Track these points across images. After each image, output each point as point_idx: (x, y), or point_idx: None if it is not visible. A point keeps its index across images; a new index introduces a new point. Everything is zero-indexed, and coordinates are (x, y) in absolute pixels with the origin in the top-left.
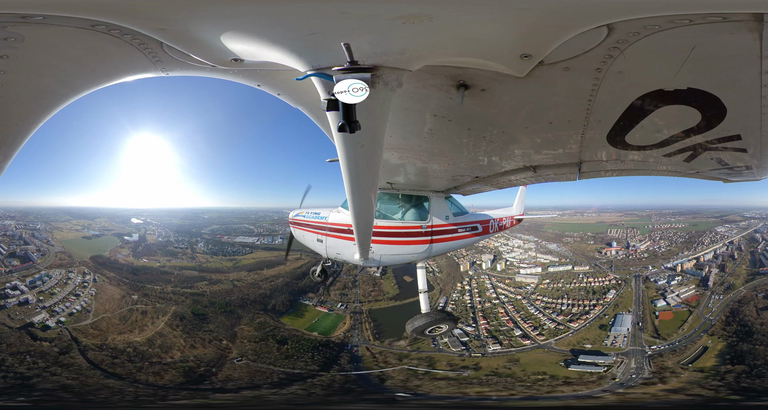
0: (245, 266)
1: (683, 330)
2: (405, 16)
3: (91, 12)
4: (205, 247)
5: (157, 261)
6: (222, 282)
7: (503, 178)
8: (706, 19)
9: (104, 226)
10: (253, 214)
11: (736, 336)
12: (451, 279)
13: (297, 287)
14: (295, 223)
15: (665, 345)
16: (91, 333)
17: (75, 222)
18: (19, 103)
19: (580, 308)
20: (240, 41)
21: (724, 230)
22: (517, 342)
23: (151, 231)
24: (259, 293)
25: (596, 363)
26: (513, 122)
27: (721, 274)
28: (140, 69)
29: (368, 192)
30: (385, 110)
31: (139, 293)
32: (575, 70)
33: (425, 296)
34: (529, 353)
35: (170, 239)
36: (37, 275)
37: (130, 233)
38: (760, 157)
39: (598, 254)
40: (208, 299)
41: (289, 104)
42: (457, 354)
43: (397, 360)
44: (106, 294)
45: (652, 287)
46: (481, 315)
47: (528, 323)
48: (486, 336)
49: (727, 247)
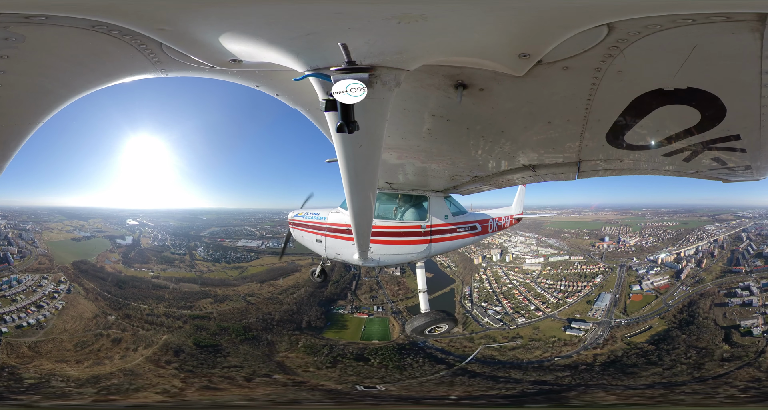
0: (255, 276)
1: (644, 310)
2: (399, 16)
3: (92, 12)
4: (205, 252)
5: (150, 270)
6: (232, 299)
7: (502, 177)
8: (709, 19)
9: (97, 227)
10: (252, 215)
11: (678, 323)
12: (468, 271)
13: (323, 297)
14: (294, 224)
15: (626, 319)
16: (22, 353)
17: (68, 223)
18: (18, 103)
19: (574, 288)
20: (238, 42)
21: (713, 229)
22: (533, 315)
23: (146, 234)
24: (284, 309)
25: (581, 328)
26: (512, 121)
27: (696, 269)
28: (140, 70)
29: (367, 192)
30: (384, 110)
31: (120, 312)
32: (574, 69)
33: (424, 296)
34: (542, 322)
35: (166, 244)
36: (6, 278)
37: (124, 236)
38: (760, 157)
39: (591, 248)
40: (216, 324)
41: (288, 104)
42: (501, 328)
43: (470, 343)
44: (75, 310)
45: (632, 275)
46: (502, 296)
47: (537, 299)
48: (512, 312)
49: (710, 245)
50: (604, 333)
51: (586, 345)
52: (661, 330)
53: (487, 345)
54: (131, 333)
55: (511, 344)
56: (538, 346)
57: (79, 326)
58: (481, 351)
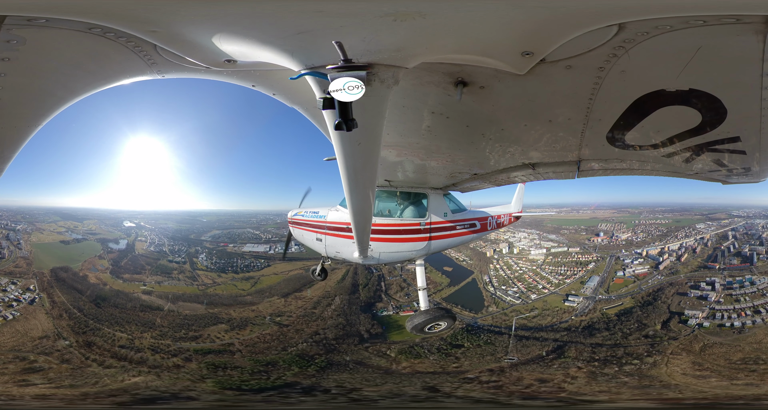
0: (273, 289)
1: (622, 291)
2: (395, 13)
3: (83, 14)
4: (208, 260)
5: (143, 282)
6: (255, 323)
7: (502, 175)
8: (720, 21)
9: (91, 229)
10: (254, 217)
11: (642, 303)
12: (483, 263)
13: (361, 303)
14: (294, 222)
15: (607, 296)
16: None
17: (62, 224)
18: (18, 105)
19: (572, 272)
20: (230, 42)
21: (704, 227)
22: (541, 292)
23: (142, 237)
24: (331, 324)
25: (575, 301)
26: (512, 119)
27: (675, 262)
28: (136, 71)
29: (366, 190)
30: (382, 108)
31: (82, 338)
32: (577, 68)
33: (424, 294)
34: (548, 297)
35: (164, 249)
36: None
37: (117, 240)
38: (759, 159)
39: (587, 242)
40: (250, 360)
41: (285, 103)
42: (521, 303)
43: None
44: (24, 325)
45: (619, 264)
46: (516, 280)
47: (543, 281)
48: (526, 291)
49: (696, 241)
50: (589, 305)
51: (577, 313)
52: (628, 307)
53: (518, 316)
54: (72, 367)
55: (531, 314)
56: (548, 314)
57: (13, 343)
58: (516, 321)
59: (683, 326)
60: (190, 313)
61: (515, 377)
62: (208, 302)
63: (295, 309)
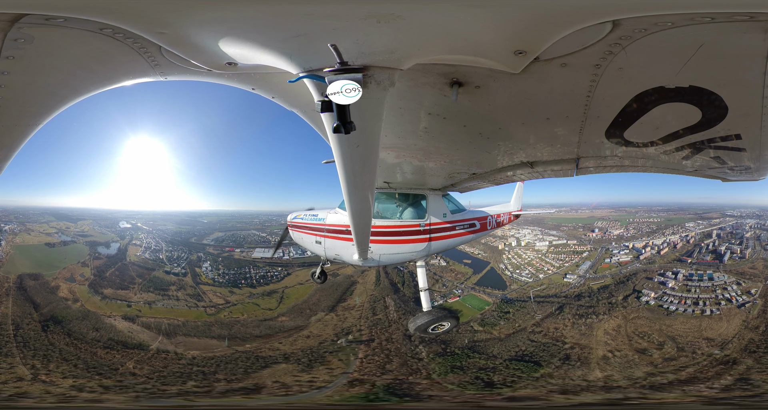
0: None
1: (606, 273)
2: (375, 15)
3: (99, 14)
4: (214, 271)
5: (127, 303)
6: (329, 350)
7: (501, 174)
8: (731, 18)
9: (84, 230)
10: (256, 217)
11: (617, 281)
12: (497, 255)
13: (410, 299)
14: (293, 226)
15: (595, 276)
16: None
17: (54, 225)
18: (20, 104)
19: (570, 259)
20: (232, 45)
21: (693, 226)
22: (546, 273)
23: (137, 240)
24: (401, 334)
25: (571, 279)
26: (509, 118)
27: (655, 255)
28: (140, 73)
29: (365, 192)
30: (379, 110)
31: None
32: (573, 66)
33: (426, 295)
34: (552, 276)
35: (160, 256)
36: None
37: (109, 243)
38: (760, 157)
39: (583, 236)
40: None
41: (284, 106)
42: (534, 280)
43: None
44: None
45: (608, 253)
46: (526, 265)
47: (547, 265)
48: (535, 272)
49: (680, 238)
50: (581, 281)
51: (572, 287)
52: (607, 284)
53: (535, 289)
54: None
55: (541, 288)
56: (553, 287)
57: None
58: (533, 293)
59: (636, 301)
60: (202, 354)
61: (544, 326)
62: (231, 336)
63: (355, 321)
